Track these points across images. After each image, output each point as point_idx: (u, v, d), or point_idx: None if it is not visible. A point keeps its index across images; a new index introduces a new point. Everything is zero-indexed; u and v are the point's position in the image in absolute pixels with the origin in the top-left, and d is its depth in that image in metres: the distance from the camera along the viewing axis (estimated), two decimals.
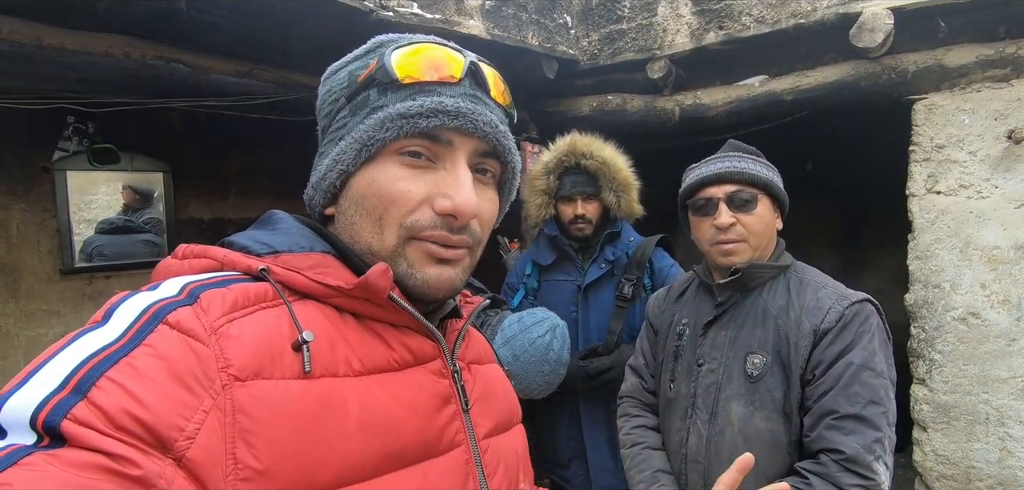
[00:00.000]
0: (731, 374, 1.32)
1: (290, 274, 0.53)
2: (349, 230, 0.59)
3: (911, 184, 2.26)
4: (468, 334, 0.69)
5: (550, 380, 1.38)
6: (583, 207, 1.94)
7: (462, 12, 2.13)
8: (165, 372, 0.42)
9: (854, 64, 2.28)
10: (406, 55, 0.58)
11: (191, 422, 0.42)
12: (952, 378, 2.24)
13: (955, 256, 2.19)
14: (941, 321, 2.24)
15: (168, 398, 0.42)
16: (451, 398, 0.60)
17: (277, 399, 0.47)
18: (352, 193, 0.58)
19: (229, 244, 0.56)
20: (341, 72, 0.62)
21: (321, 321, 0.53)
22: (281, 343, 0.49)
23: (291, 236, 0.57)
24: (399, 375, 0.56)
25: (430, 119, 0.56)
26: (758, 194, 1.33)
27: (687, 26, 2.51)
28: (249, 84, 2.06)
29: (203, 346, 0.45)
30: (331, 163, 0.59)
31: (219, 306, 0.48)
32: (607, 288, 1.97)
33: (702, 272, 1.45)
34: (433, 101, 0.56)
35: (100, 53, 1.69)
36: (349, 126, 0.58)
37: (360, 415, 0.51)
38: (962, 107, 2.14)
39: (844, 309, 1.24)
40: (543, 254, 2.07)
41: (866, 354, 1.20)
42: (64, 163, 2.74)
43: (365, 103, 0.58)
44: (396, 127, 0.55)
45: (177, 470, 0.41)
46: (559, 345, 1.37)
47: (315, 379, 0.49)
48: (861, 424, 1.15)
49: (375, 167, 0.57)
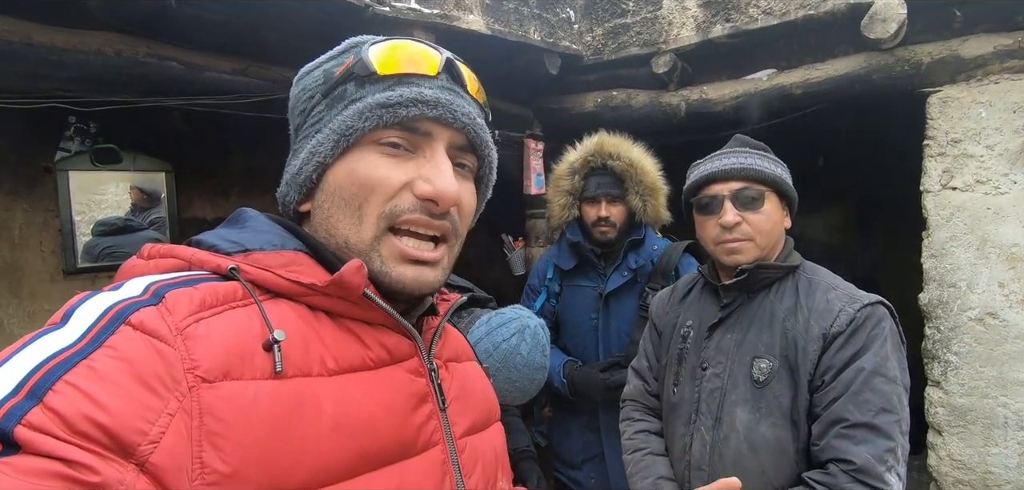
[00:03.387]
0: (736, 379, 1.27)
1: (261, 273, 0.52)
2: (326, 224, 0.58)
3: (925, 180, 2.18)
4: (445, 331, 0.68)
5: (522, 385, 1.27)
6: (607, 209, 1.90)
7: (461, 7, 2.08)
8: (127, 374, 0.41)
9: (866, 56, 2.21)
10: (385, 49, 0.58)
11: (155, 426, 0.41)
12: (969, 380, 2.17)
13: (972, 254, 2.12)
14: (957, 321, 2.16)
15: (130, 401, 0.40)
16: (428, 397, 0.59)
17: (247, 400, 0.46)
18: (329, 185, 0.58)
19: (197, 243, 0.55)
20: (315, 71, 0.62)
21: (294, 320, 0.52)
22: (252, 343, 0.48)
23: (262, 234, 0.56)
24: (375, 374, 0.56)
25: (410, 108, 0.56)
26: (765, 191, 1.28)
27: (693, 19, 2.45)
28: (245, 82, 2.04)
29: (168, 347, 0.44)
30: (307, 156, 0.58)
31: (186, 306, 0.47)
32: (629, 296, 1.94)
33: (707, 272, 1.41)
34: (413, 91, 0.56)
35: (92, 51, 1.68)
36: (325, 119, 0.58)
37: (334, 415, 0.50)
38: (979, 99, 2.07)
39: (855, 312, 1.18)
40: (564, 258, 2.04)
41: (878, 359, 1.14)
42: (66, 163, 2.74)
43: (342, 96, 0.58)
44: (375, 116, 0.55)
45: (139, 475, 0.40)
46: (528, 348, 1.26)
47: (287, 379, 0.49)
48: (872, 433, 1.10)
49: (353, 157, 0.57)
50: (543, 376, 1.36)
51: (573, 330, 2.07)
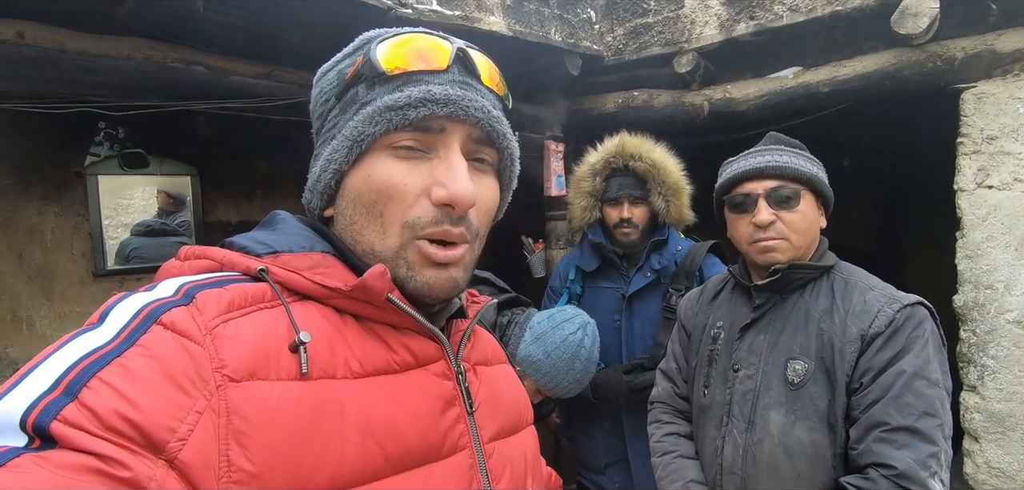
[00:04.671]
0: (770, 381, 1.24)
1: (289, 275, 0.53)
2: (350, 230, 0.58)
3: (959, 178, 2.12)
4: (475, 334, 0.68)
5: (581, 378, 1.35)
6: (629, 211, 1.88)
7: (482, 8, 2.08)
8: (158, 373, 0.42)
9: (896, 52, 2.15)
10: (392, 47, 0.57)
11: (184, 423, 0.41)
12: (1007, 385, 2.09)
13: (1010, 255, 2.05)
14: (994, 324, 2.09)
15: (160, 399, 0.41)
16: (455, 400, 0.59)
17: (272, 401, 0.46)
18: (348, 192, 0.57)
19: (229, 245, 0.56)
20: (330, 72, 0.61)
21: (320, 322, 0.52)
22: (278, 344, 0.48)
23: (291, 236, 0.57)
24: (400, 377, 0.55)
25: (419, 109, 0.54)
26: (801, 190, 1.25)
27: (716, 17, 2.41)
28: (270, 85, 2.06)
29: (197, 346, 0.44)
30: (324, 163, 0.58)
31: (214, 306, 0.47)
32: (653, 298, 1.91)
33: (739, 272, 1.38)
34: (421, 90, 0.55)
35: (122, 57, 1.71)
36: (339, 124, 0.58)
37: (358, 418, 0.50)
38: (1016, 95, 2.00)
39: (895, 313, 1.15)
40: (586, 260, 2.02)
41: (920, 362, 1.11)
42: (96, 168, 2.81)
43: (354, 99, 0.57)
44: (385, 120, 0.55)
45: (169, 472, 0.40)
46: (590, 342, 1.35)
47: (312, 381, 0.49)
48: (914, 437, 1.06)
49: (368, 163, 0.56)
50: (595, 370, 1.42)
51: None
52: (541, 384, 1.34)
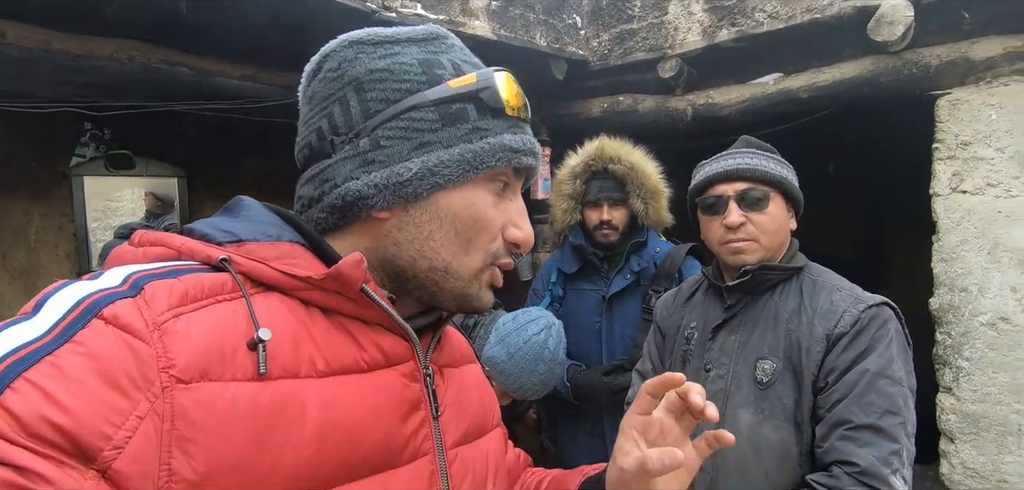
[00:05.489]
0: (740, 380, 1.26)
1: (253, 264, 0.50)
2: (419, 243, 0.57)
3: (935, 183, 2.16)
4: (445, 335, 0.67)
5: (545, 379, 1.36)
6: (609, 213, 1.91)
7: (467, 12, 2.11)
8: (94, 373, 0.38)
9: (873, 59, 2.19)
10: (510, 86, 0.59)
11: (122, 429, 0.38)
12: (981, 387, 2.13)
13: (983, 258, 2.09)
14: (968, 326, 2.13)
15: (95, 402, 0.38)
16: (420, 404, 0.57)
17: (225, 404, 0.43)
18: (441, 208, 0.56)
19: (189, 232, 0.53)
20: (405, 55, 0.57)
21: (285, 316, 0.49)
22: (235, 340, 0.45)
23: (258, 224, 0.54)
24: (367, 377, 0.53)
25: (526, 158, 0.59)
26: (770, 192, 1.28)
27: (699, 24, 2.45)
28: (255, 87, 2.07)
29: (143, 344, 0.41)
30: (423, 172, 0.54)
31: (165, 299, 0.44)
32: (633, 299, 1.94)
33: (712, 274, 1.40)
34: (527, 139, 0.60)
35: (106, 57, 1.72)
36: (442, 137, 0.55)
37: (319, 421, 0.47)
38: (989, 102, 2.04)
39: (860, 313, 1.17)
40: (567, 262, 2.04)
41: (883, 361, 1.13)
42: (81, 169, 2.80)
43: (462, 118, 0.56)
44: (506, 158, 0.57)
45: (99, 483, 0.37)
46: (554, 343, 1.36)
47: (272, 381, 0.46)
48: (877, 435, 1.08)
49: (473, 189, 0.57)
50: (561, 372, 1.44)
51: (577, 334, 2.06)
52: (505, 386, 1.35)
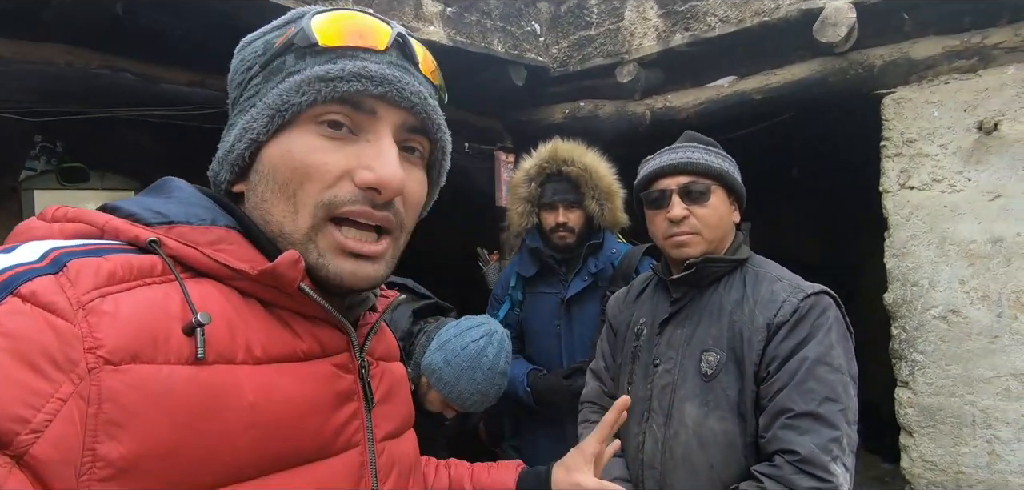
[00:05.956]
0: (686, 374, 1.25)
1: (185, 249, 0.48)
2: (260, 208, 0.53)
3: (884, 180, 2.21)
4: (380, 329, 0.66)
5: (484, 389, 1.29)
6: (565, 215, 1.90)
7: (421, 18, 2.10)
8: (8, 353, 0.37)
9: (821, 61, 2.25)
10: (327, 19, 0.54)
11: (41, 412, 0.37)
12: (936, 379, 2.17)
13: (932, 252, 2.14)
14: (921, 320, 2.17)
15: (10, 384, 0.36)
16: (354, 395, 0.56)
17: (157, 387, 0.42)
18: (263, 166, 0.53)
19: (112, 210, 0.50)
20: (256, 42, 0.57)
21: (219, 302, 0.48)
22: (168, 324, 0.44)
23: (190, 207, 0.52)
24: (302, 366, 0.52)
25: (352, 83, 0.51)
26: (712, 185, 1.28)
27: (654, 29, 2.49)
28: (204, 94, 2.03)
29: (66, 323, 0.39)
30: (240, 132, 0.53)
31: (91, 277, 0.42)
32: (591, 301, 1.93)
33: (660, 269, 1.40)
34: (356, 65, 0.52)
35: (41, 61, 1.66)
36: (262, 93, 0.54)
37: (254, 406, 0.47)
38: (931, 100, 2.11)
39: (799, 301, 1.18)
40: (525, 265, 2.03)
41: (822, 348, 1.13)
42: (32, 182, 2.72)
43: (280, 69, 0.53)
44: (314, 90, 0.51)
45: (13, 469, 0.35)
46: (494, 352, 1.29)
47: (207, 366, 0.45)
48: (817, 422, 1.08)
49: (290, 136, 0.52)
50: (504, 383, 1.37)
51: (537, 338, 2.05)
52: (443, 394, 1.29)
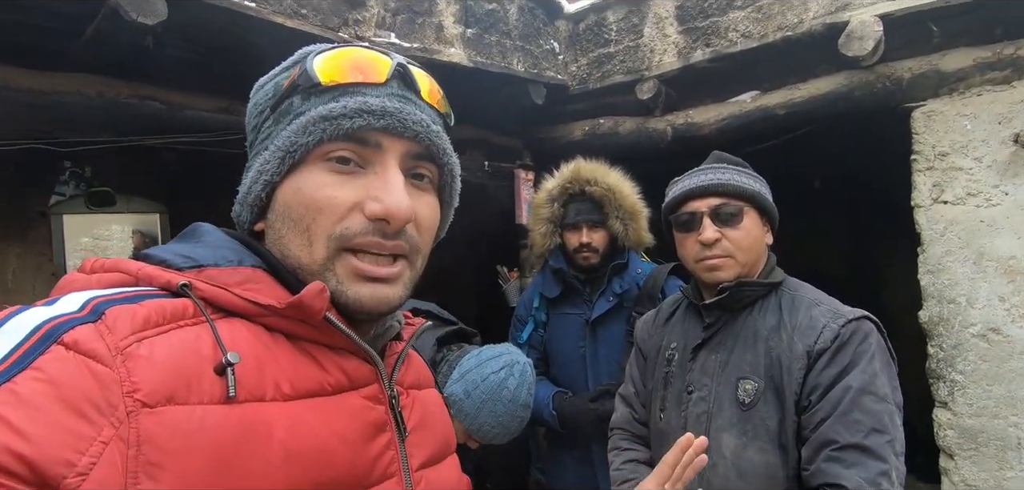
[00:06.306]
0: (722, 402, 1.22)
1: (215, 290, 0.50)
2: (278, 244, 0.56)
3: (916, 195, 2.15)
4: (409, 357, 0.66)
5: (505, 422, 1.24)
6: (589, 235, 1.88)
7: (442, 40, 2.11)
8: (55, 399, 0.38)
9: (847, 74, 2.21)
10: (328, 58, 0.56)
11: (86, 456, 0.38)
12: (976, 400, 2.08)
13: (969, 268, 2.07)
14: (960, 339, 2.10)
15: (57, 429, 0.38)
16: (386, 426, 0.57)
17: (192, 427, 0.43)
18: (279, 204, 0.56)
19: (145, 258, 0.52)
20: (267, 85, 0.60)
21: (249, 340, 0.49)
22: (200, 364, 0.45)
23: (217, 249, 0.54)
24: (332, 400, 0.53)
25: (354, 119, 0.53)
26: (744, 207, 1.25)
27: (674, 45, 2.47)
28: (227, 119, 2.05)
29: (106, 368, 0.41)
30: (255, 174, 0.57)
31: (128, 323, 0.44)
32: (617, 322, 1.90)
33: (690, 292, 1.37)
34: (357, 101, 0.54)
35: (72, 93, 1.70)
36: (273, 135, 0.57)
37: (286, 444, 0.47)
38: (963, 112, 2.05)
39: (840, 328, 1.14)
40: (548, 286, 2.01)
41: (866, 377, 1.09)
42: (61, 207, 2.76)
43: (288, 110, 0.56)
44: (319, 130, 0.53)
45: None
46: (516, 384, 1.24)
47: (238, 404, 0.46)
48: (864, 455, 1.04)
49: (300, 175, 0.55)
50: (526, 415, 1.31)
51: (562, 360, 2.02)
52: (465, 425, 1.26)
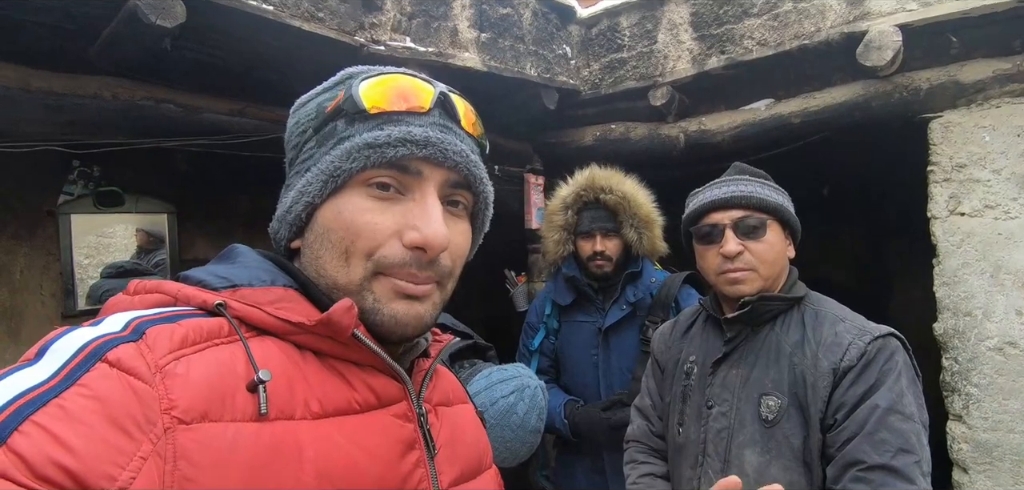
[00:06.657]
0: (744, 418, 1.20)
1: (248, 309, 0.51)
2: (314, 264, 0.57)
3: (932, 206, 2.14)
4: (437, 374, 0.66)
5: (514, 447, 1.22)
6: (602, 243, 1.87)
7: (457, 45, 2.10)
8: (99, 415, 0.40)
9: (864, 84, 2.20)
10: (373, 85, 0.57)
11: (126, 470, 0.39)
12: (992, 414, 2.07)
13: (986, 281, 2.05)
14: (975, 352, 2.08)
15: (101, 443, 0.39)
16: (415, 443, 0.57)
17: (225, 444, 0.44)
18: (318, 226, 0.57)
19: (184, 278, 0.54)
20: (309, 104, 0.61)
21: (280, 359, 0.51)
22: (234, 382, 0.47)
23: (251, 270, 0.56)
24: (361, 418, 0.54)
25: (398, 149, 0.54)
26: (767, 220, 1.24)
27: (688, 52, 2.46)
28: (242, 122, 2.05)
29: (145, 386, 0.42)
30: (297, 195, 0.57)
31: (166, 342, 0.46)
32: (630, 331, 1.89)
33: (710, 305, 1.36)
34: (401, 130, 0.55)
35: (89, 95, 1.69)
36: (315, 157, 0.57)
37: (316, 462, 0.48)
38: (981, 124, 2.04)
39: (866, 345, 1.13)
40: (561, 294, 2.00)
41: (893, 396, 1.08)
42: (69, 206, 2.76)
43: (332, 134, 0.57)
44: (363, 157, 0.54)
45: None
46: (524, 409, 1.23)
47: (270, 422, 0.47)
48: (892, 476, 1.02)
49: (341, 199, 0.55)
50: (536, 441, 1.30)
51: (574, 367, 2.01)
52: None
